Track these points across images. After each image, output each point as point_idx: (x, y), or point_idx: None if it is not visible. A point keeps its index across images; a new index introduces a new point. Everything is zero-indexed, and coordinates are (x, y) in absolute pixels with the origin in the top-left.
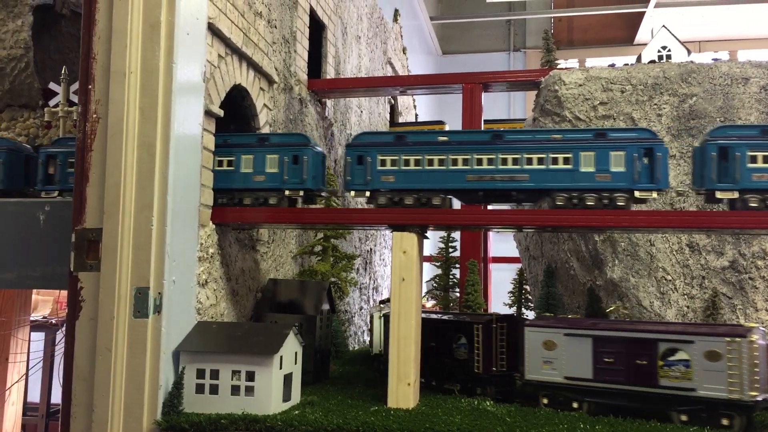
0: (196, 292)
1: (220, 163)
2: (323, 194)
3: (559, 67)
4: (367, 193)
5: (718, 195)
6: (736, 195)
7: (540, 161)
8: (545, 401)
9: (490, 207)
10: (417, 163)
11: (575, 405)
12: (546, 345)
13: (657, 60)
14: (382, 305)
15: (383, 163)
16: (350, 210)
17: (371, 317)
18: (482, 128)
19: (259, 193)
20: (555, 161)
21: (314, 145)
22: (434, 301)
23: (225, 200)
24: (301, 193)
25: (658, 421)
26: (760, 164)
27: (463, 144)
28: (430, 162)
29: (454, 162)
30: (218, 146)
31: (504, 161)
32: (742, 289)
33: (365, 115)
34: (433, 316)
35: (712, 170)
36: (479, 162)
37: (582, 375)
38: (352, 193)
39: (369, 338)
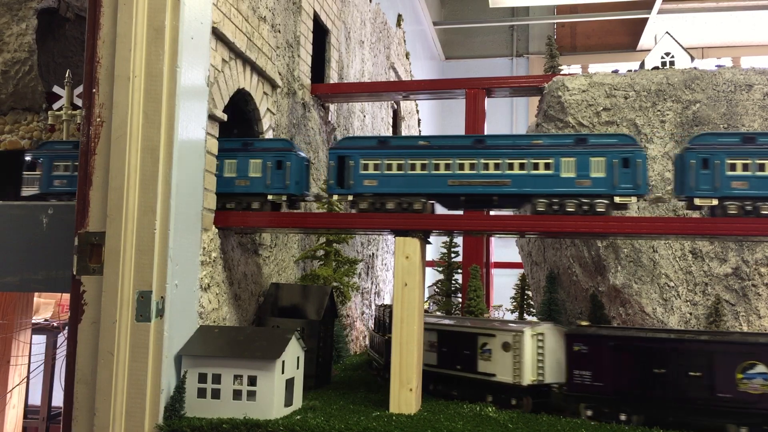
0: (199, 296)
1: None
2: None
3: (562, 72)
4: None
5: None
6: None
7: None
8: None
9: (492, 212)
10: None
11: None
12: None
13: (660, 66)
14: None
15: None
16: (353, 215)
17: (517, 335)
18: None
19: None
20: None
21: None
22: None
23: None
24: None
25: None
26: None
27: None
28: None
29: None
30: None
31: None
32: (745, 296)
33: (368, 119)
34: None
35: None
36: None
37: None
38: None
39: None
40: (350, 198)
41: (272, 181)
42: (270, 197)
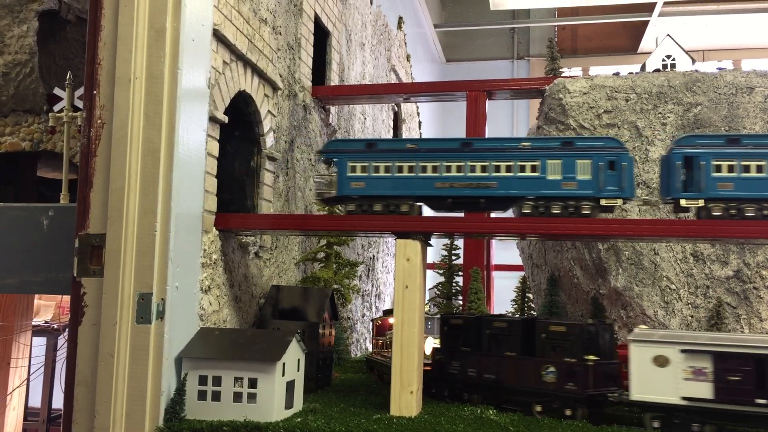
0: (199, 299)
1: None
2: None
3: (563, 75)
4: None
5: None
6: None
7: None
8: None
9: (492, 215)
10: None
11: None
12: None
13: (661, 69)
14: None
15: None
16: (354, 216)
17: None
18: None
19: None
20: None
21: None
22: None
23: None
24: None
25: None
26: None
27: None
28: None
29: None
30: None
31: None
32: (746, 299)
33: (369, 121)
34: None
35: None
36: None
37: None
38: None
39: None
40: (701, 202)
41: (605, 184)
42: (603, 201)
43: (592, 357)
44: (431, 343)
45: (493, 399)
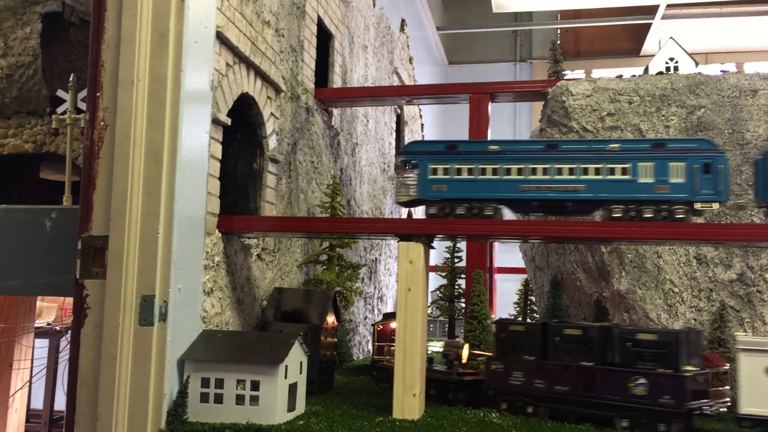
0: (202, 301)
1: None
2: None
3: (565, 77)
4: None
5: None
6: None
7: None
8: None
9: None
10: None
11: None
12: None
13: (665, 71)
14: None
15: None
16: (356, 219)
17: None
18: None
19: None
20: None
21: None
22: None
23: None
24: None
25: None
26: None
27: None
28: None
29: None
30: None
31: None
32: (750, 302)
33: (371, 124)
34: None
35: None
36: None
37: None
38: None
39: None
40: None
41: (700, 187)
42: (698, 206)
43: (690, 368)
44: (467, 350)
45: (563, 413)
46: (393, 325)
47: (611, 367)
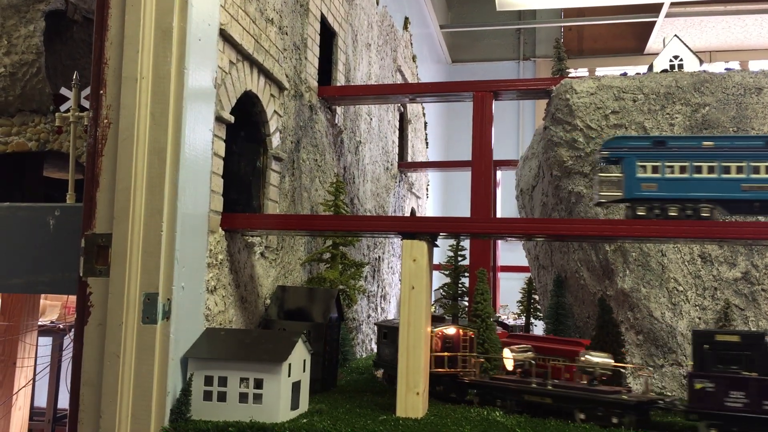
0: (205, 299)
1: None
2: None
3: (570, 76)
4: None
5: None
6: None
7: None
8: None
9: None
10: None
11: None
12: None
13: (669, 69)
14: None
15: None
16: (360, 217)
17: None
18: None
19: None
20: None
21: None
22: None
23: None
24: None
25: None
26: None
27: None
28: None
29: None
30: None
31: None
32: (754, 301)
33: (375, 122)
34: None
35: None
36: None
37: None
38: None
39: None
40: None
41: None
42: None
43: None
44: (510, 356)
45: None
46: (449, 331)
47: None
